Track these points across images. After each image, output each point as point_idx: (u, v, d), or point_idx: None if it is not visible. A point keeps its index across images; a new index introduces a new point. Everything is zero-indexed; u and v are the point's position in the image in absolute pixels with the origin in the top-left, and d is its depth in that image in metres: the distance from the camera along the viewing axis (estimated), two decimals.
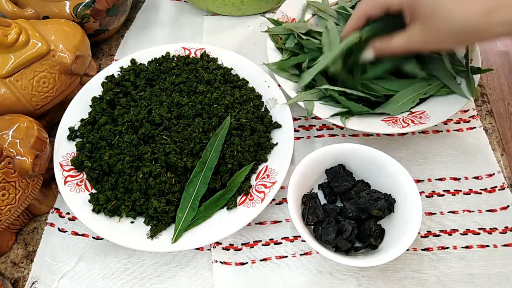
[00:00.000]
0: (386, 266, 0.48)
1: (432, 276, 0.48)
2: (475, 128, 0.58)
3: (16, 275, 0.50)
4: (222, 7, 0.71)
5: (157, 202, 0.47)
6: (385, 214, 0.47)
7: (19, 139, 0.46)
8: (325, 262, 0.49)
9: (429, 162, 0.56)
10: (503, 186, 0.53)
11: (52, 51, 0.54)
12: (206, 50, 0.62)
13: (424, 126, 0.51)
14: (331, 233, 0.46)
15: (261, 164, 0.53)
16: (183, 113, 0.53)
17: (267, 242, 0.51)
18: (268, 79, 0.58)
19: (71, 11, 0.61)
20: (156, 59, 0.61)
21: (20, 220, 0.52)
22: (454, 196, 0.53)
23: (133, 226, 0.48)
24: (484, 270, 0.48)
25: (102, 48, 0.71)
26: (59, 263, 0.50)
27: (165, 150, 0.50)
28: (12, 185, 0.46)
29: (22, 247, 0.52)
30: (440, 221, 0.52)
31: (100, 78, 0.59)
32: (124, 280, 0.49)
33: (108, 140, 0.52)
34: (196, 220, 0.48)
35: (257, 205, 0.48)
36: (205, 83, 0.57)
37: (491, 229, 0.51)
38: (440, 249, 0.50)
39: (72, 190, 0.50)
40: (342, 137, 0.59)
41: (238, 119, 0.53)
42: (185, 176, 0.50)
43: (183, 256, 0.50)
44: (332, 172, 0.51)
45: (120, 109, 0.54)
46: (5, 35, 0.49)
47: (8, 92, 0.51)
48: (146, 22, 0.74)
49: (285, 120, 0.55)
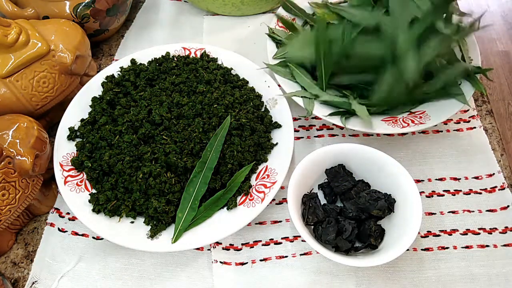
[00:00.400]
0: (386, 266, 0.48)
1: (432, 276, 0.48)
2: (475, 128, 0.58)
3: (16, 275, 0.50)
4: (222, 7, 0.71)
5: (157, 202, 0.47)
6: (385, 214, 0.47)
7: (19, 139, 0.46)
8: (325, 262, 0.49)
9: (429, 162, 0.56)
10: (503, 186, 0.53)
11: (52, 51, 0.54)
12: (206, 50, 0.62)
13: (424, 126, 0.51)
14: (331, 233, 0.46)
15: (261, 164, 0.53)
16: (183, 113, 0.53)
17: (267, 242, 0.51)
18: (268, 79, 0.58)
19: (71, 11, 0.61)
20: (156, 59, 0.61)
21: (20, 220, 0.52)
22: (454, 196, 0.53)
23: (133, 226, 0.48)
24: (484, 270, 0.48)
25: (102, 48, 0.71)
26: (59, 263, 0.50)
27: (165, 150, 0.50)
28: (12, 185, 0.46)
29: (22, 247, 0.52)
30: (440, 221, 0.52)
31: (100, 78, 0.59)
32: (124, 280, 0.49)
33: (108, 140, 0.52)
34: (196, 220, 0.48)
35: (257, 205, 0.48)
36: (205, 83, 0.57)
37: (491, 229, 0.51)
38: (440, 249, 0.50)
39: (72, 190, 0.50)
40: (342, 137, 0.59)
41: (238, 119, 0.53)
42: (185, 176, 0.50)
43: (183, 256, 0.50)
44: (332, 172, 0.51)
45: (120, 109, 0.54)
46: (5, 35, 0.49)
47: (8, 92, 0.51)
48: (146, 22, 0.74)
49: (285, 120, 0.55)
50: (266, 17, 0.72)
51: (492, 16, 1.71)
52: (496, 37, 1.66)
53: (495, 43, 1.64)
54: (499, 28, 1.68)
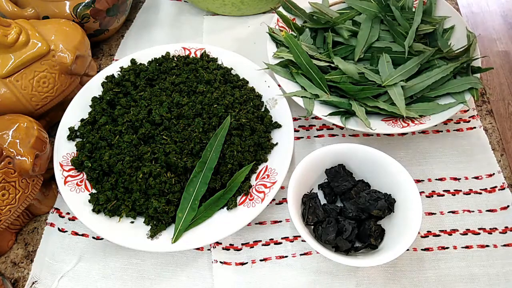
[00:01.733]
0: (386, 266, 0.48)
1: (432, 276, 0.48)
2: (475, 128, 0.58)
3: (16, 275, 0.50)
4: (222, 7, 0.71)
5: (157, 202, 0.47)
6: (385, 214, 0.47)
7: (19, 139, 0.46)
8: (325, 262, 0.49)
9: (429, 162, 0.56)
10: (503, 186, 0.53)
11: (52, 51, 0.54)
12: (206, 50, 0.62)
13: (424, 126, 0.51)
14: (331, 233, 0.46)
15: (261, 164, 0.53)
16: (183, 113, 0.53)
17: (267, 242, 0.51)
18: (268, 79, 0.58)
19: (71, 11, 0.61)
20: (156, 59, 0.61)
21: (20, 220, 0.52)
22: (454, 196, 0.53)
23: (133, 226, 0.48)
24: (484, 270, 0.48)
25: (102, 48, 0.71)
26: (59, 263, 0.50)
27: (165, 150, 0.50)
28: (12, 185, 0.46)
29: (22, 247, 0.52)
30: (440, 221, 0.52)
31: (100, 78, 0.59)
32: (124, 280, 0.49)
33: (108, 140, 0.52)
34: (196, 220, 0.48)
35: (257, 205, 0.48)
36: (205, 83, 0.57)
37: (491, 229, 0.51)
38: (440, 249, 0.50)
39: (72, 190, 0.50)
40: (342, 137, 0.59)
41: (238, 119, 0.53)
42: (185, 176, 0.50)
43: (183, 256, 0.50)
44: (332, 172, 0.51)
45: (120, 109, 0.54)
46: (5, 35, 0.49)
47: (8, 92, 0.51)
48: (146, 22, 0.74)
49: (285, 120, 0.55)
50: (266, 17, 0.72)
51: (492, 16, 1.71)
52: (496, 37, 1.66)
53: (495, 43, 1.64)
54: (499, 28, 1.68)
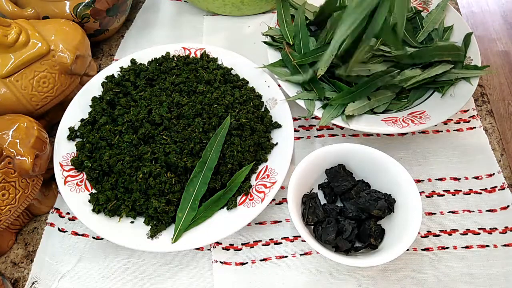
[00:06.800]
0: (386, 266, 0.48)
1: (432, 276, 0.48)
2: (475, 128, 0.58)
3: (16, 275, 0.50)
4: (222, 7, 0.71)
5: (157, 202, 0.47)
6: (385, 214, 0.47)
7: (19, 139, 0.46)
8: (325, 262, 0.49)
9: (429, 162, 0.56)
10: (503, 186, 0.53)
11: (52, 51, 0.54)
12: (206, 50, 0.62)
13: (424, 126, 0.51)
14: (331, 233, 0.46)
15: (261, 164, 0.53)
16: (183, 113, 0.53)
17: (267, 242, 0.51)
18: (268, 79, 0.58)
19: (71, 11, 0.61)
20: (156, 59, 0.61)
21: (20, 220, 0.52)
22: (454, 196, 0.53)
23: (133, 226, 0.48)
24: (484, 270, 0.48)
25: (102, 48, 0.71)
26: (59, 263, 0.50)
27: (165, 150, 0.50)
28: (12, 185, 0.46)
29: (22, 247, 0.52)
30: (440, 221, 0.52)
31: (100, 78, 0.59)
32: (124, 280, 0.49)
33: (108, 140, 0.52)
34: (196, 220, 0.48)
35: (257, 205, 0.48)
36: (205, 83, 0.57)
37: (491, 229, 0.51)
38: (440, 249, 0.50)
39: (72, 190, 0.50)
40: (342, 137, 0.59)
41: (238, 119, 0.53)
42: (185, 176, 0.50)
43: (183, 256, 0.50)
44: (332, 172, 0.51)
45: (120, 109, 0.54)
46: (5, 35, 0.49)
47: (8, 92, 0.51)
48: (146, 22, 0.74)
49: (285, 120, 0.55)
50: (266, 17, 0.72)
51: (492, 16, 1.71)
52: (496, 37, 1.66)
53: (495, 43, 1.64)
54: (499, 28, 1.68)
